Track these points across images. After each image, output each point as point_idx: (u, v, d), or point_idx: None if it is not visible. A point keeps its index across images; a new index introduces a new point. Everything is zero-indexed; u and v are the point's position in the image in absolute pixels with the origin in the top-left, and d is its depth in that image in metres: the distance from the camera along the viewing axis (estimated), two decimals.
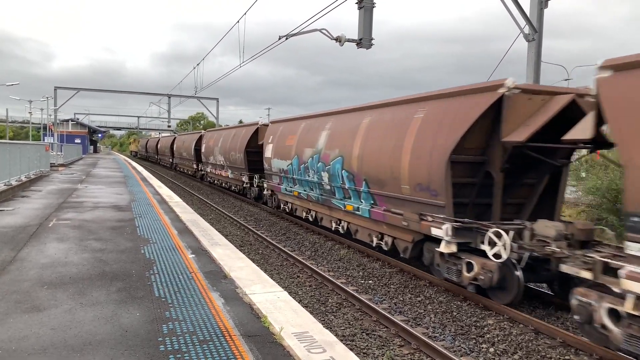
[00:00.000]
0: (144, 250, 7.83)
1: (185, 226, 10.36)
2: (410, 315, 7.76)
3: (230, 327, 4.70)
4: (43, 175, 23.34)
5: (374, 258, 11.49)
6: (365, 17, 12.38)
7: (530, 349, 6.55)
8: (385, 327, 7.24)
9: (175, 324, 4.71)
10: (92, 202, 13.77)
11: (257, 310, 5.23)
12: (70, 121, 73.61)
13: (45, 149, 27.87)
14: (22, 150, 18.89)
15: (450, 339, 6.86)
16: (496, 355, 6.36)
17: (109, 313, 4.95)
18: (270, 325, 4.77)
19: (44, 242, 8.23)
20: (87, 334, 4.40)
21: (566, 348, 6.59)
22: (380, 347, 6.50)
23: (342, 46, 12.71)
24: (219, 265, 7.11)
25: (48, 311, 4.94)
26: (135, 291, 5.70)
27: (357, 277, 9.94)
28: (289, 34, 14.45)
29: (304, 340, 4.41)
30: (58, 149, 40.51)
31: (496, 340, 6.84)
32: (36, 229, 9.34)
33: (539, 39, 12.46)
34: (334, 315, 7.71)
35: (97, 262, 7.01)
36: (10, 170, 16.04)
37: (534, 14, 12.46)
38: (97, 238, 8.69)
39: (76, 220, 10.52)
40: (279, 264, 10.95)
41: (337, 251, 12.27)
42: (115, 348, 4.12)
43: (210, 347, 4.23)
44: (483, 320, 7.58)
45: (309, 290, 8.97)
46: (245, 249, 12.16)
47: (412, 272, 10.09)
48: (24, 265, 6.65)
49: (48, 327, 4.51)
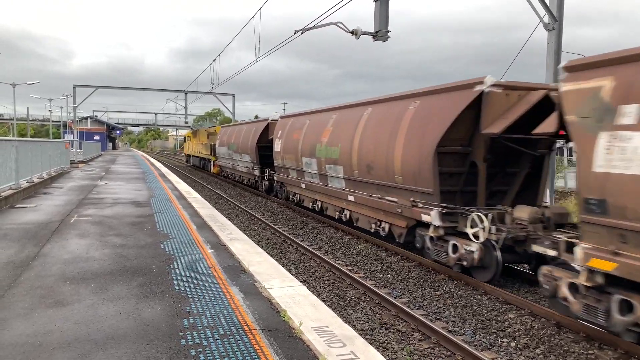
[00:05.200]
0: (164, 246, 7.90)
1: (204, 221, 10.43)
2: (430, 310, 7.71)
3: (250, 322, 4.71)
4: (63, 172, 23.71)
5: (393, 252, 11.44)
6: (381, 9, 12.26)
7: (552, 344, 6.45)
8: (405, 321, 7.20)
9: (195, 318, 4.74)
10: (112, 198, 13.95)
11: (276, 304, 5.24)
12: (89, 118, 74.65)
13: (65, 146, 28.31)
14: (43, 148, 19.20)
15: (470, 333, 6.80)
16: (517, 350, 6.29)
17: (131, 308, 5.00)
18: (290, 320, 4.77)
19: (65, 238, 8.36)
20: (109, 328, 4.46)
21: (590, 342, 6.48)
22: (399, 342, 6.47)
23: (358, 39, 12.60)
24: (238, 259, 7.15)
25: (71, 306, 5.02)
26: (155, 286, 5.76)
27: (375, 271, 9.91)
28: (305, 28, 14.39)
29: (324, 335, 4.41)
30: (78, 146, 41.11)
31: (517, 334, 6.75)
32: (58, 225, 9.49)
33: (559, 28, 12.20)
34: (353, 309, 7.69)
35: (118, 257, 7.09)
36: (32, 168, 16.33)
37: (553, 3, 12.20)
38: (117, 234, 8.79)
39: (97, 217, 10.66)
40: (297, 259, 10.97)
41: (354, 245, 12.24)
42: (137, 342, 4.16)
43: (231, 341, 4.24)
44: (504, 314, 7.50)
45: (327, 285, 8.97)
46: (263, 244, 12.20)
47: (431, 266, 10.02)
48: (47, 261, 6.76)
49: (72, 322, 4.58)
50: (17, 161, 13.90)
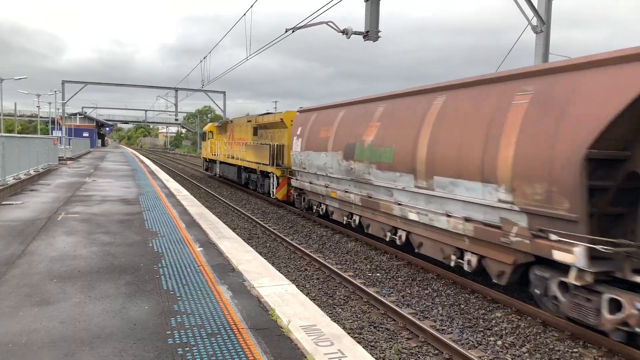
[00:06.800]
0: (152, 244, 7.86)
1: (193, 219, 10.39)
2: (418, 308, 7.75)
3: (238, 320, 4.71)
4: (51, 168, 23.49)
5: (382, 251, 11.48)
6: (372, 9, 12.27)
7: (538, 342, 6.52)
8: (393, 320, 7.24)
9: (183, 317, 4.73)
10: (100, 196, 13.85)
11: (265, 303, 5.24)
12: (78, 115, 73.92)
13: (54, 142, 28.04)
14: (30, 144, 19.00)
15: (458, 331, 6.85)
16: (504, 348, 6.35)
17: (118, 306, 4.98)
18: (278, 319, 4.78)
19: (52, 235, 8.29)
20: (96, 327, 4.43)
21: (574, 341, 6.56)
22: (388, 340, 6.51)
23: (349, 39, 12.60)
24: (227, 258, 7.13)
25: (57, 304, 4.98)
26: (143, 284, 5.73)
27: (364, 270, 9.94)
28: (296, 27, 14.37)
29: (312, 333, 4.42)
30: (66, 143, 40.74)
31: (504, 332, 6.82)
32: (45, 223, 9.41)
33: (547, 30, 12.31)
34: (342, 308, 7.72)
35: (106, 255, 7.05)
36: (19, 164, 16.16)
37: (542, 6, 12.30)
38: (105, 231, 8.73)
39: (85, 214, 10.58)
40: (287, 257, 10.97)
41: (344, 244, 12.27)
42: (124, 341, 4.14)
43: (219, 340, 4.24)
44: (491, 313, 7.56)
45: (316, 283, 8.98)
46: (253, 242, 12.19)
47: (420, 264, 10.07)
48: (33, 259, 6.70)
49: (57, 321, 4.55)
50: (4, 157, 13.75)
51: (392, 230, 10.95)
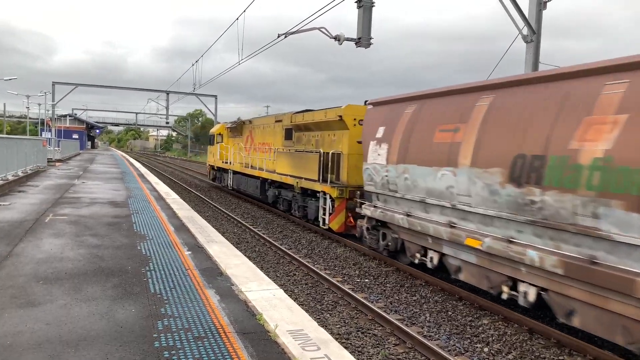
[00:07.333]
0: (140, 247, 7.82)
1: (182, 223, 10.35)
2: (406, 314, 7.78)
3: (225, 324, 4.70)
4: (40, 170, 23.28)
5: (370, 257, 11.50)
6: (365, 16, 12.37)
7: (524, 349, 6.57)
8: (381, 325, 7.26)
9: (170, 321, 4.71)
10: (89, 198, 13.75)
11: (253, 307, 5.23)
12: (68, 117, 73.39)
13: (43, 144, 27.81)
14: (19, 145, 18.84)
15: (445, 338, 6.88)
16: (490, 355, 6.39)
17: (104, 309, 4.95)
18: (265, 323, 4.78)
19: (40, 237, 8.22)
20: (82, 329, 4.40)
21: (560, 348, 6.62)
22: (375, 346, 6.52)
23: (341, 45, 12.69)
24: (215, 262, 7.12)
25: (43, 306, 4.94)
26: (130, 287, 5.70)
27: (353, 276, 9.96)
28: (288, 32, 14.43)
29: (299, 338, 4.42)
30: (55, 144, 40.42)
31: (491, 339, 6.86)
32: (32, 224, 9.32)
33: (537, 40, 12.47)
34: (330, 313, 7.72)
35: (93, 257, 7.00)
36: (7, 165, 16.00)
37: (532, 16, 12.46)
38: (93, 234, 8.67)
39: (73, 216, 10.50)
40: (276, 262, 10.96)
41: (333, 250, 12.28)
42: (110, 344, 4.12)
43: (205, 343, 4.23)
44: (478, 320, 7.61)
45: (305, 289, 8.98)
46: (242, 247, 12.16)
47: (409, 271, 10.11)
48: (19, 261, 6.64)
49: (43, 323, 4.51)
50: None
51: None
